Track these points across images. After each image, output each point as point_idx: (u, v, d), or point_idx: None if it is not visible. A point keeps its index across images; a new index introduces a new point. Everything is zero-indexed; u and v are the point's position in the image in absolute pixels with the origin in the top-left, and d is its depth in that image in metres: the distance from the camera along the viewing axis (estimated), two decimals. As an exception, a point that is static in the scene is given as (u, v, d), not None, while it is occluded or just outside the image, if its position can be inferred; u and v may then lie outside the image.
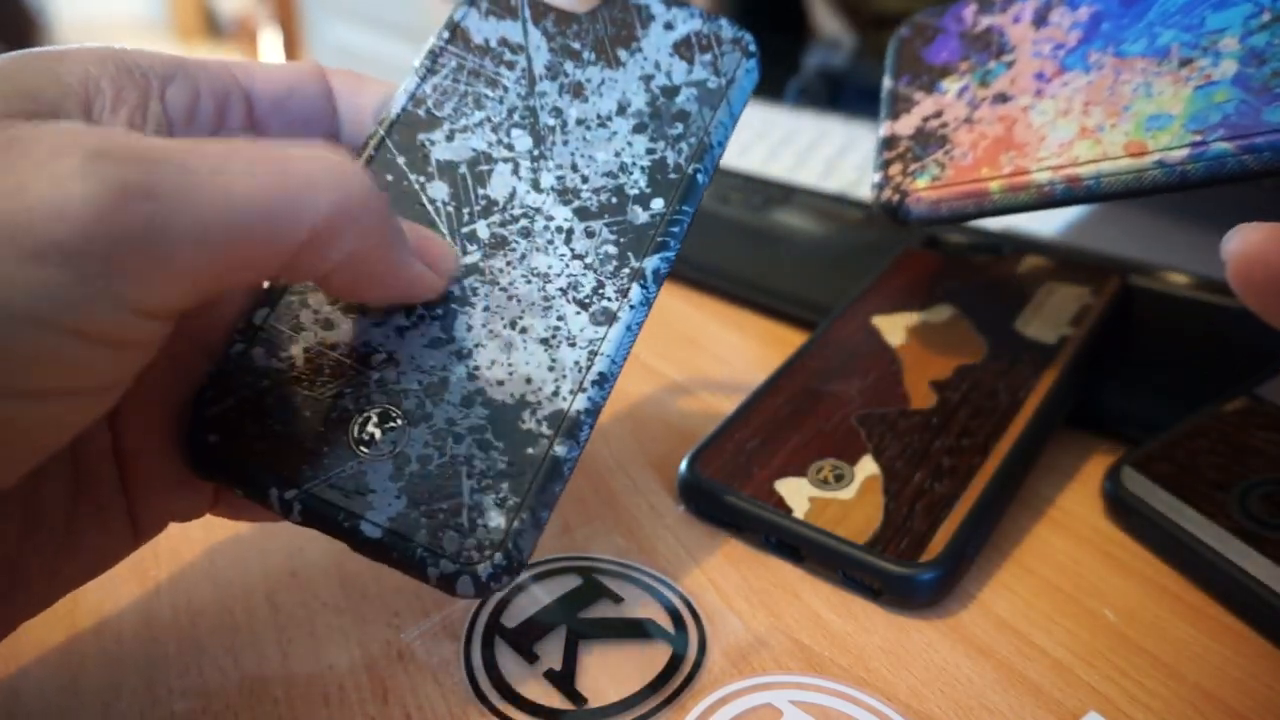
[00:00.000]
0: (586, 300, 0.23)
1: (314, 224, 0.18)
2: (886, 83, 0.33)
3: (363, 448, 0.22)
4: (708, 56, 0.26)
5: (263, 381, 0.23)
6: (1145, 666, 0.23)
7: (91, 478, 0.21)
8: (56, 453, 0.18)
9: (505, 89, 0.25)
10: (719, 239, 0.44)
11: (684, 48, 0.26)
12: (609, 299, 0.23)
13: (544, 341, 0.23)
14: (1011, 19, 0.31)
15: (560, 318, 0.23)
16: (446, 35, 0.26)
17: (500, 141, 0.25)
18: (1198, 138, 0.24)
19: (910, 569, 0.24)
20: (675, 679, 0.23)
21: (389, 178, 0.24)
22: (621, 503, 0.29)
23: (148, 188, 0.16)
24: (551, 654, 0.24)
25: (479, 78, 0.26)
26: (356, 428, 0.22)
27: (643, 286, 0.23)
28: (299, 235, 0.18)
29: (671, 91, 0.25)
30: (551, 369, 0.22)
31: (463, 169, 0.25)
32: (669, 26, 0.26)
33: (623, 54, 0.26)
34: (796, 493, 0.27)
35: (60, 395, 0.17)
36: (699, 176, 0.25)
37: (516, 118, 0.25)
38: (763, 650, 0.24)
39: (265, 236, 0.18)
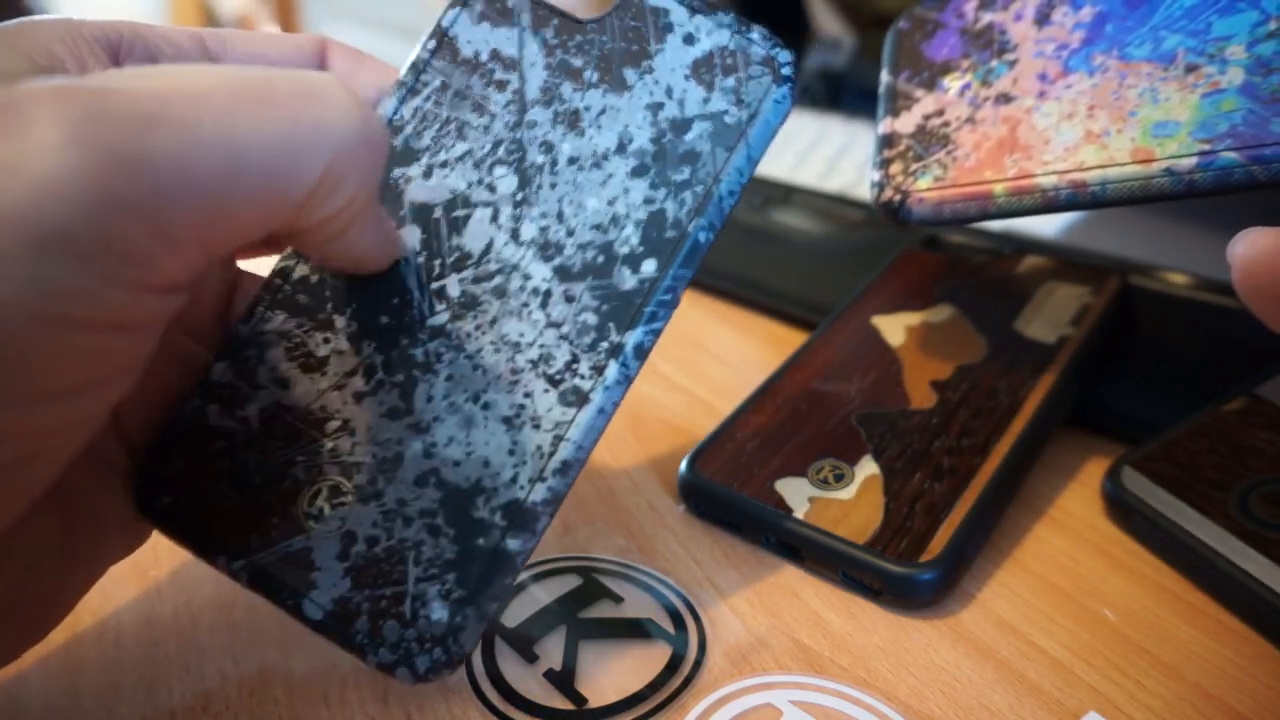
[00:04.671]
0: (557, 377, 0.21)
1: (323, 170, 0.17)
2: (885, 77, 0.33)
3: (311, 522, 0.21)
4: (730, 81, 0.22)
5: (216, 443, 0.22)
6: (1145, 666, 0.23)
7: (110, 464, 0.22)
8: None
9: (492, 116, 0.23)
10: (719, 239, 0.44)
11: (703, 69, 0.22)
12: (582, 376, 0.21)
13: (506, 421, 0.21)
14: (1013, 16, 0.31)
15: (527, 394, 0.21)
16: (432, 46, 0.24)
17: (481, 181, 0.22)
18: (1205, 147, 0.24)
19: (910, 569, 0.24)
20: (675, 679, 0.23)
21: None
22: (621, 502, 0.29)
23: (143, 153, 0.15)
24: (551, 654, 0.24)
25: (464, 101, 0.23)
26: (306, 500, 0.21)
27: (621, 365, 0.21)
28: (308, 184, 0.17)
29: (681, 126, 0.22)
30: (512, 453, 0.21)
31: (438, 213, 0.22)
32: (690, 40, 0.22)
33: (630, 75, 0.22)
34: (796, 493, 0.27)
35: (79, 390, 0.16)
36: (701, 235, 0.22)
37: (502, 153, 0.23)
38: (763, 650, 0.24)
39: (273, 189, 0.17)
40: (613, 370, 0.21)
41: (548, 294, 0.22)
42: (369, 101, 0.22)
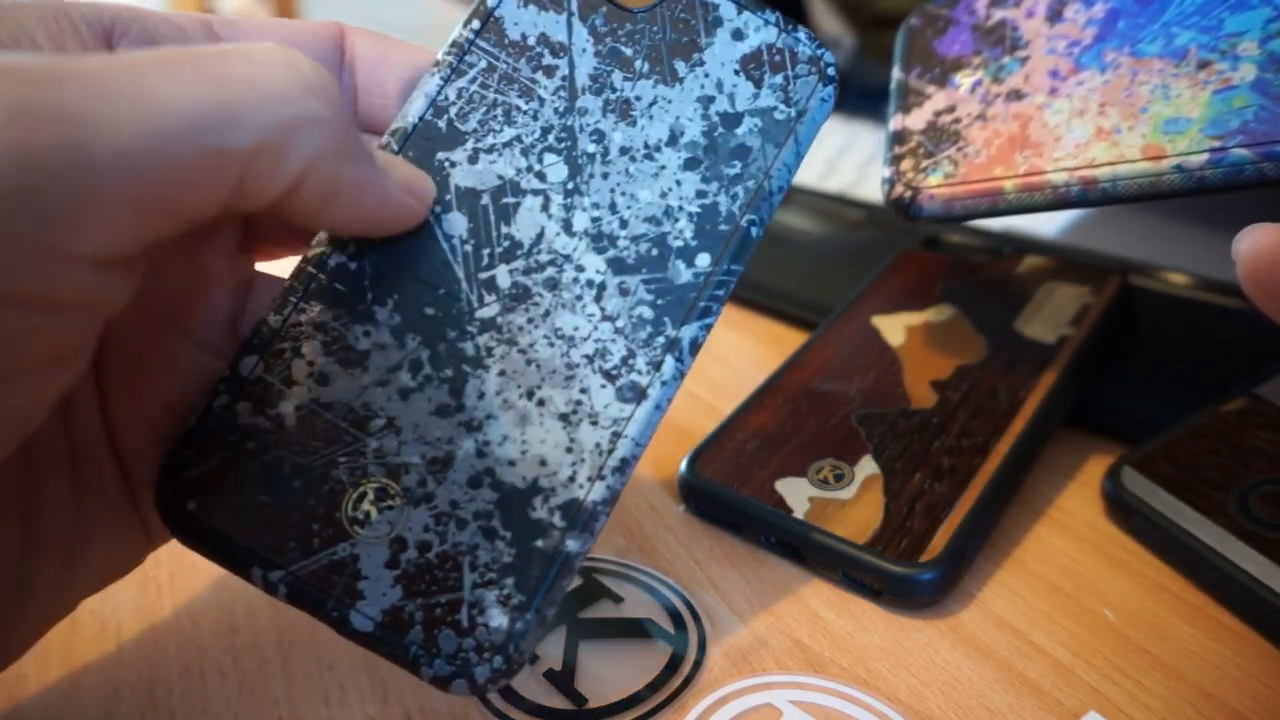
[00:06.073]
0: (614, 372, 0.20)
1: (258, 132, 0.16)
2: (896, 73, 0.32)
3: (357, 528, 0.20)
4: (779, 79, 0.22)
5: (248, 443, 0.20)
6: (1145, 666, 0.23)
7: (95, 483, 0.20)
8: (28, 442, 0.17)
9: (541, 101, 0.22)
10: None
11: (752, 64, 0.22)
12: (639, 372, 0.20)
13: (563, 418, 0.20)
14: (1025, 13, 0.31)
15: (584, 390, 0.20)
16: (477, 26, 0.22)
17: (531, 169, 0.22)
18: (1216, 143, 0.24)
19: (910, 569, 0.24)
20: (675, 679, 0.23)
21: None
22: (622, 503, 0.29)
23: (57, 108, 0.14)
24: (551, 654, 0.24)
25: (511, 84, 0.22)
26: (350, 504, 0.20)
27: (678, 360, 0.21)
28: (240, 147, 0.16)
29: (733, 120, 0.22)
30: (570, 450, 0.20)
31: (485, 199, 0.22)
32: (738, 35, 0.22)
33: (681, 67, 0.22)
34: (796, 493, 0.27)
35: (14, 375, 0.15)
36: (753, 230, 0.22)
37: (552, 140, 0.22)
38: (763, 650, 0.24)
39: (202, 152, 0.15)
40: (669, 366, 0.21)
41: (602, 286, 0.21)
42: (320, 63, 0.20)
